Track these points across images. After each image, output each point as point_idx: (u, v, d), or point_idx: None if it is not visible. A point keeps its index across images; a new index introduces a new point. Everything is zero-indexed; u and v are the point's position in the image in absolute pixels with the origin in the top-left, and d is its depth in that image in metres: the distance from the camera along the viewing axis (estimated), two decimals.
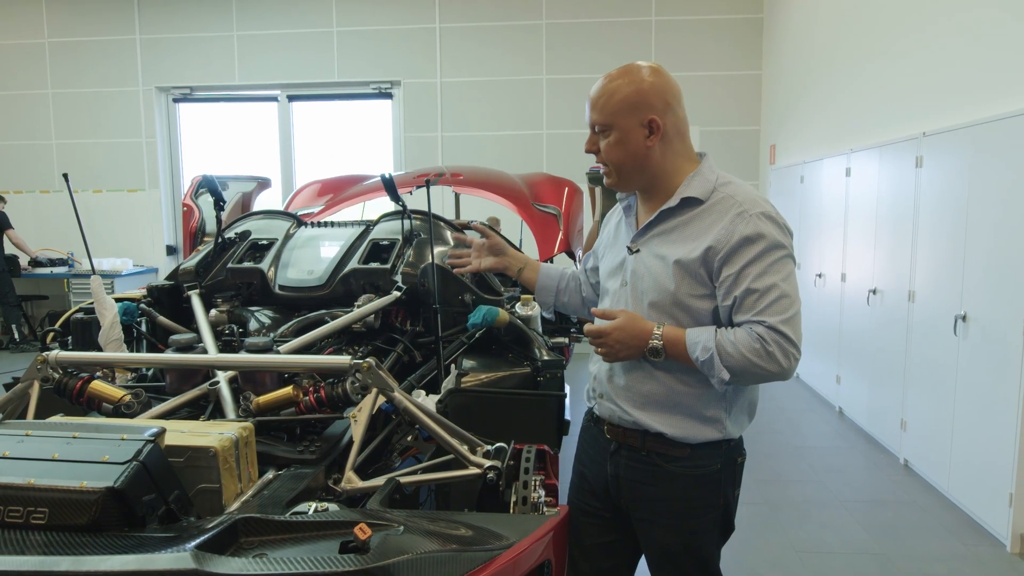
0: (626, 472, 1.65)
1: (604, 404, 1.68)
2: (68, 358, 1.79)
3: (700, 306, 1.54)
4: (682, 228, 1.57)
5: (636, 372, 1.61)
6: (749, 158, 7.77)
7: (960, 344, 3.64)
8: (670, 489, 1.61)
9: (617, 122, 1.56)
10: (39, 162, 8.40)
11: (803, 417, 5.33)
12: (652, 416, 1.59)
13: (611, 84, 1.57)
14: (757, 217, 1.50)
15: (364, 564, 1.03)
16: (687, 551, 1.64)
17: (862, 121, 5.22)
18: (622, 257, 1.68)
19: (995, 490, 3.32)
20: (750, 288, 1.47)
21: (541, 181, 4.46)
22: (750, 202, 1.52)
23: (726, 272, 1.49)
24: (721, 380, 1.48)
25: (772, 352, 1.44)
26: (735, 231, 1.49)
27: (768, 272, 1.47)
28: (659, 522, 1.64)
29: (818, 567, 3.10)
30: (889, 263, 4.55)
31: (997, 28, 3.56)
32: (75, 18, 8.25)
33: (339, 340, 2.48)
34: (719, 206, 1.54)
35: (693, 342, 1.50)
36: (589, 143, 1.63)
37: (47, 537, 1.10)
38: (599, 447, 1.72)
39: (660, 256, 1.58)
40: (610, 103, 1.56)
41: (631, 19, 7.71)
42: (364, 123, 8.46)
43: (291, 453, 1.73)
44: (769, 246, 1.48)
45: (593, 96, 1.59)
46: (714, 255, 1.50)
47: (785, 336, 1.44)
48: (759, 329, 1.45)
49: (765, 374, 1.46)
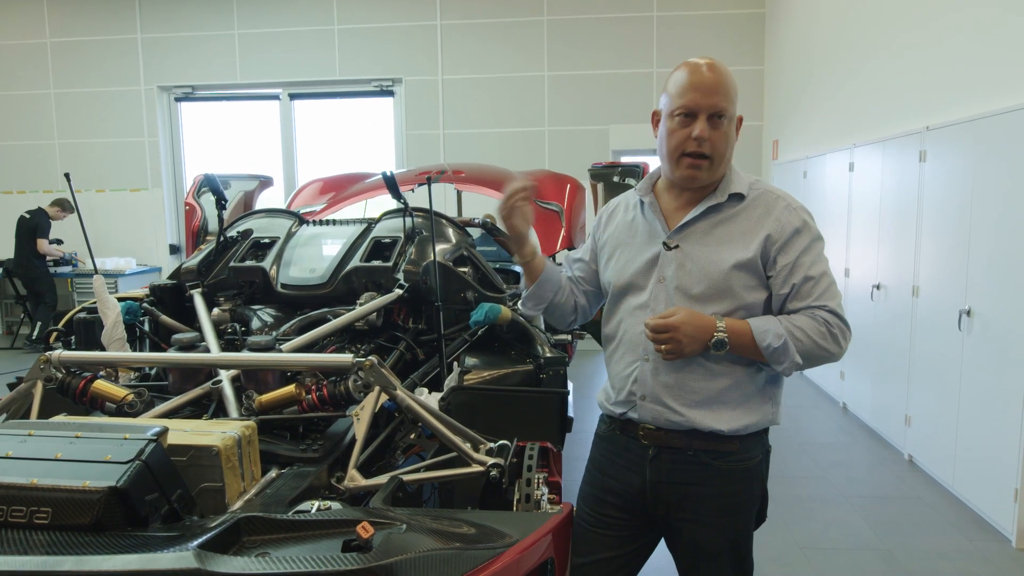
0: (670, 476, 1.61)
1: (647, 407, 1.60)
2: (71, 358, 1.79)
3: (752, 298, 1.57)
4: (728, 223, 1.59)
5: (688, 369, 1.57)
6: (752, 153, 7.75)
7: (964, 339, 3.63)
8: (718, 486, 1.60)
9: (732, 110, 1.55)
10: (42, 162, 8.42)
11: (807, 413, 5.32)
12: (705, 413, 1.57)
13: (722, 71, 1.54)
14: (800, 210, 1.60)
15: (367, 563, 1.02)
16: (731, 547, 1.63)
17: (865, 116, 5.20)
18: (653, 254, 1.63)
19: (1000, 486, 3.30)
20: (808, 275, 1.55)
21: (543, 178, 4.45)
22: (789, 197, 1.62)
23: (783, 261, 1.55)
24: (794, 364, 1.53)
25: (835, 334, 1.53)
26: (788, 223, 1.56)
27: (818, 261, 1.57)
28: (705, 521, 1.61)
29: (822, 563, 3.10)
30: (893, 258, 4.54)
31: (1000, 23, 3.54)
32: (76, 18, 8.26)
33: (341, 338, 2.48)
34: (762, 201, 1.60)
35: (762, 331, 1.52)
36: (700, 130, 1.53)
37: (50, 537, 1.10)
38: (632, 455, 1.65)
39: (711, 251, 1.57)
40: (732, 90, 1.54)
41: (633, 15, 7.69)
42: (365, 121, 8.46)
43: (294, 452, 1.73)
44: (815, 237, 1.59)
45: (711, 81, 1.52)
46: (771, 244, 1.56)
47: (843, 319, 1.55)
48: (822, 314, 1.53)
49: (828, 356, 1.54)
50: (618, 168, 3.62)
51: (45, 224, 7.51)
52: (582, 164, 5.83)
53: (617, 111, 7.68)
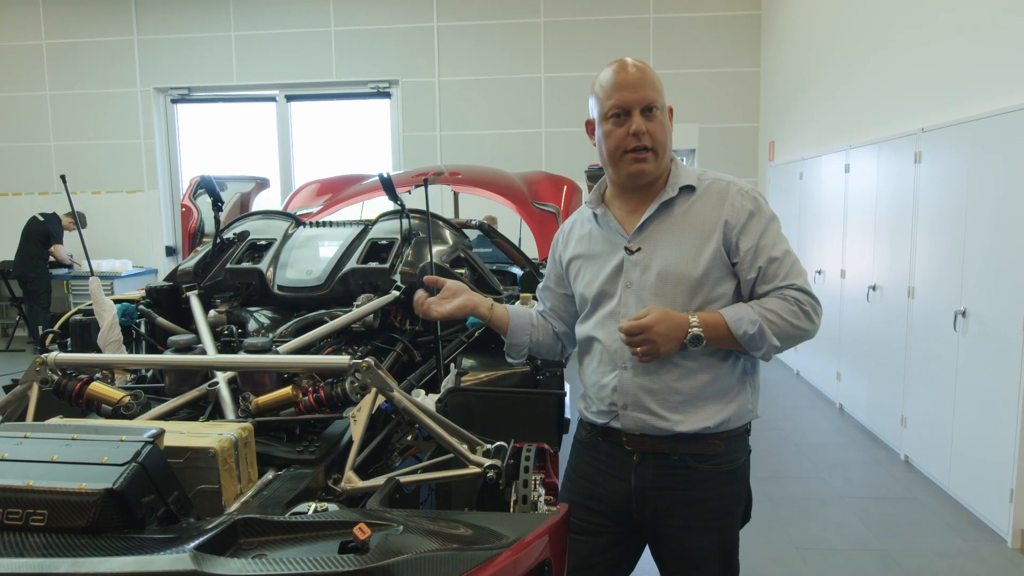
0: (655, 482, 1.61)
1: (630, 415, 1.60)
2: (67, 360, 1.78)
3: (722, 289, 1.57)
4: (684, 217, 1.59)
5: (667, 372, 1.57)
6: (748, 155, 7.77)
7: (960, 340, 3.64)
8: (705, 489, 1.60)
9: (661, 101, 1.58)
10: (37, 164, 8.40)
11: (803, 414, 5.33)
12: (690, 414, 1.56)
13: (643, 66, 1.58)
14: (752, 192, 1.60)
15: (364, 564, 1.02)
16: (719, 550, 1.63)
17: (861, 117, 5.21)
18: (617, 261, 1.63)
19: (996, 486, 3.32)
20: (772, 256, 1.55)
21: (540, 179, 4.45)
22: (740, 182, 1.63)
23: (745, 246, 1.55)
24: (772, 347, 1.52)
25: (807, 311, 1.53)
26: (743, 206, 1.57)
27: (779, 240, 1.57)
28: (693, 526, 1.61)
29: (819, 564, 3.10)
30: (889, 259, 4.55)
31: (995, 24, 3.56)
32: (73, 19, 8.25)
33: (338, 340, 2.48)
34: (714, 188, 1.60)
35: (736, 319, 1.51)
36: (637, 125, 1.54)
37: (46, 539, 1.10)
38: (616, 462, 1.65)
39: (674, 248, 1.57)
40: (656, 80, 1.57)
41: (629, 17, 7.71)
42: (362, 122, 8.46)
43: (290, 453, 1.72)
44: (770, 217, 1.58)
45: (636, 77, 1.55)
46: (730, 230, 1.56)
47: (812, 296, 1.55)
48: (791, 293, 1.53)
49: (803, 334, 1.55)
50: None
51: (59, 231, 7.55)
52: (578, 166, 5.84)
53: None
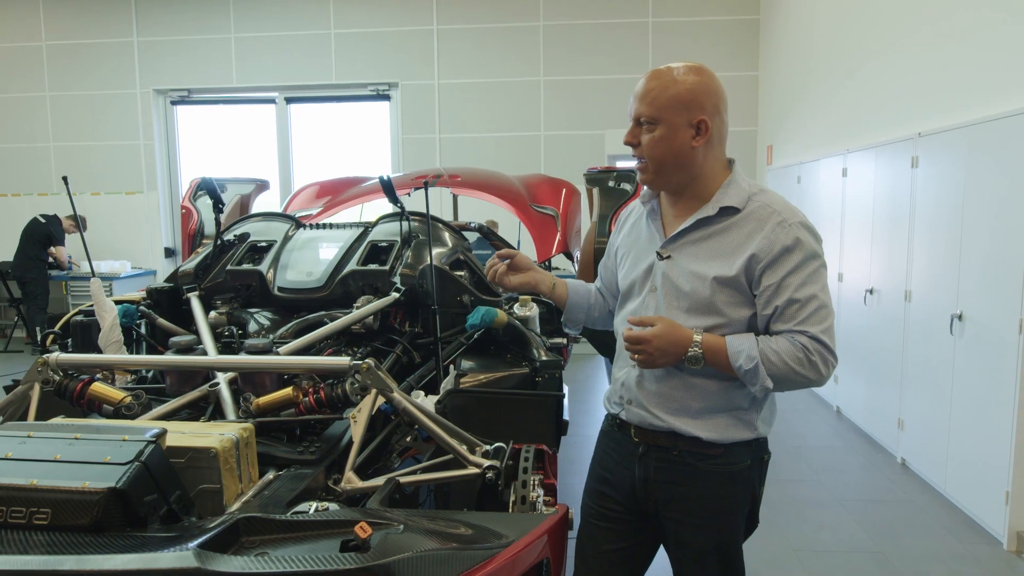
0: (656, 474, 1.63)
1: (633, 410, 1.65)
2: (68, 360, 1.79)
3: (737, 315, 1.55)
4: (719, 237, 1.57)
5: (669, 379, 1.59)
6: (746, 159, 7.79)
7: (956, 343, 3.65)
8: (703, 487, 1.61)
9: (665, 117, 1.54)
10: (37, 165, 8.40)
11: (801, 417, 5.35)
12: (686, 421, 1.58)
13: (663, 79, 1.55)
14: (796, 227, 1.52)
15: (364, 562, 1.03)
16: (717, 549, 1.64)
17: (858, 122, 5.23)
18: (650, 262, 1.65)
19: (992, 489, 3.33)
20: (792, 298, 1.49)
21: (539, 182, 4.46)
22: (788, 211, 1.54)
23: (767, 281, 1.51)
24: (764, 388, 1.51)
25: (814, 361, 1.48)
26: (777, 240, 1.50)
27: (808, 282, 1.50)
28: (690, 522, 1.63)
29: (815, 566, 3.11)
30: (886, 263, 4.57)
31: (992, 29, 3.58)
32: (72, 21, 8.26)
33: (338, 341, 2.49)
34: (757, 215, 1.54)
35: (736, 351, 1.50)
36: (630, 135, 1.59)
37: (50, 537, 1.11)
38: (625, 451, 1.69)
39: (697, 265, 1.57)
40: (661, 97, 1.54)
41: (628, 21, 7.73)
42: (362, 125, 8.47)
43: (291, 454, 1.74)
44: (808, 256, 1.51)
45: (641, 90, 1.56)
46: (756, 263, 1.51)
47: (826, 346, 1.49)
48: (802, 339, 1.48)
49: (805, 382, 1.51)
50: (613, 173, 3.63)
51: (60, 233, 7.56)
52: (578, 168, 5.84)
53: (612, 116, 7.72)
